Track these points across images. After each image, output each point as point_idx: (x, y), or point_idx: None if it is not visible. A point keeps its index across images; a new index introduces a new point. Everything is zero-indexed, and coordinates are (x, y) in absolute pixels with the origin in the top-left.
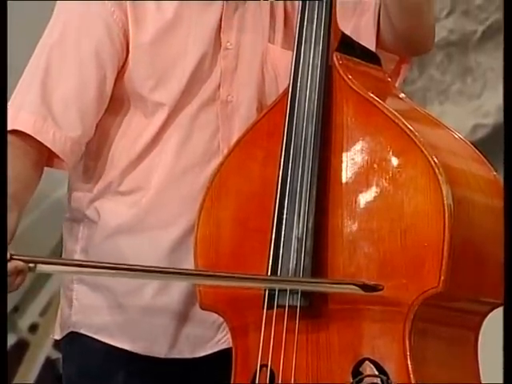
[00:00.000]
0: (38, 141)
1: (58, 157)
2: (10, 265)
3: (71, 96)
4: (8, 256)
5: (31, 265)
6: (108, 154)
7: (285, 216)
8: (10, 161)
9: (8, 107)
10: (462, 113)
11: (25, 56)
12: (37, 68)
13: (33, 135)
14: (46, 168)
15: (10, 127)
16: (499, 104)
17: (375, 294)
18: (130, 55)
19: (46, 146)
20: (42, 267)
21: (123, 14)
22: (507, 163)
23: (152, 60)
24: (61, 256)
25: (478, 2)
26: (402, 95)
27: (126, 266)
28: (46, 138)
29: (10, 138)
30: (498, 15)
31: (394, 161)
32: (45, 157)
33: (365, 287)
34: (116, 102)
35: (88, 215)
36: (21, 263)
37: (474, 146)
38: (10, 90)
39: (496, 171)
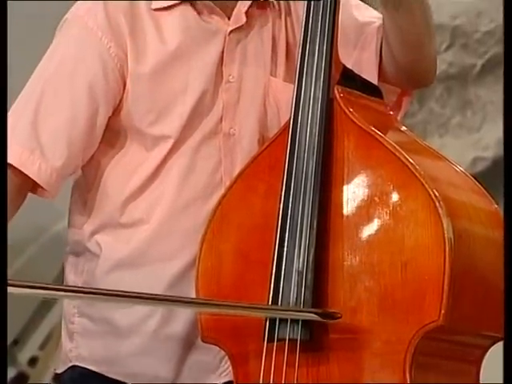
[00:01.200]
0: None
1: (42, 186)
2: None
3: (61, 129)
4: None
5: None
6: (108, 186)
7: (285, 249)
8: None
9: None
10: (462, 146)
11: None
12: (29, 99)
13: (17, 167)
14: (45, 201)
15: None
16: (499, 137)
17: (376, 325)
18: (129, 90)
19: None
20: (11, 289)
21: (120, 49)
22: (507, 196)
23: (152, 94)
24: None
25: (477, 35)
26: (403, 128)
27: (122, 293)
28: (31, 170)
29: None
30: (497, 49)
31: (395, 194)
32: (29, 185)
33: (323, 315)
34: (114, 135)
35: (89, 248)
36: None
37: (475, 179)
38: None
39: (496, 204)
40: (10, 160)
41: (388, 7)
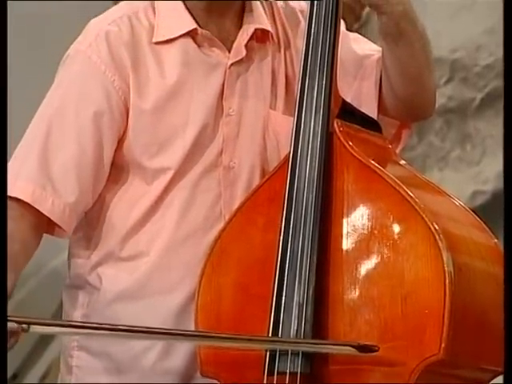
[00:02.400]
0: (37, 209)
1: (57, 225)
2: None
3: (70, 163)
4: None
5: (24, 326)
6: (108, 220)
7: (286, 282)
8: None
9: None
10: (462, 179)
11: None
12: (36, 136)
13: (31, 204)
14: (44, 235)
15: (8, 193)
16: (498, 171)
17: (376, 359)
18: (131, 123)
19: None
20: (35, 328)
21: (124, 82)
22: (507, 230)
23: (153, 128)
24: None
25: (476, 69)
26: (402, 162)
27: (122, 327)
28: (45, 207)
29: (9, 203)
30: (496, 83)
31: (395, 227)
32: (44, 223)
33: (361, 348)
34: (117, 170)
35: (90, 282)
36: (14, 324)
37: (474, 213)
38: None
39: (496, 238)
40: (21, 196)
41: (388, 40)
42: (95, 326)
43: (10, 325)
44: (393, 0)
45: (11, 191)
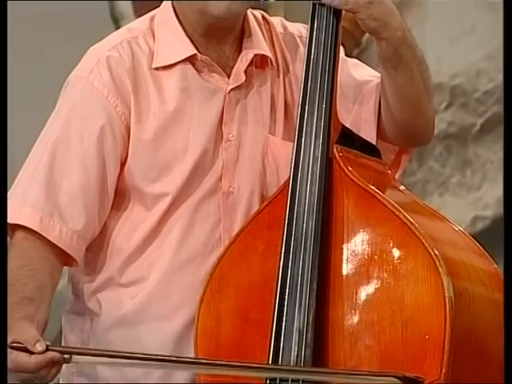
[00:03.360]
0: (45, 237)
1: (66, 253)
2: (46, 356)
3: (76, 190)
4: (44, 347)
5: (66, 356)
6: (109, 246)
7: (285, 308)
8: (23, 255)
9: (8, 196)
10: (462, 205)
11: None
12: (39, 162)
13: (39, 232)
14: None
15: (13, 220)
16: (498, 196)
17: None
18: (131, 149)
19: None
20: (77, 358)
21: (126, 107)
22: (507, 255)
23: (153, 154)
24: None
25: (476, 95)
26: (401, 187)
27: (156, 357)
28: (53, 235)
29: (17, 232)
30: (496, 108)
31: (395, 253)
32: (54, 252)
33: (406, 379)
34: (118, 197)
35: (90, 307)
36: (57, 354)
37: (474, 238)
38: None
39: (496, 263)
40: (30, 225)
41: (387, 66)
42: (140, 356)
43: (52, 355)
44: (392, 26)
45: (18, 218)
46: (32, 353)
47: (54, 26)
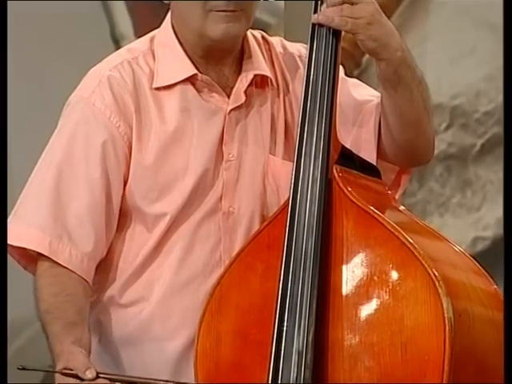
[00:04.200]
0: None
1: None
2: (96, 383)
3: (84, 212)
4: (94, 374)
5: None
6: (109, 267)
7: (285, 328)
8: (55, 282)
9: (10, 217)
10: (462, 225)
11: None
12: (44, 183)
13: (48, 256)
14: None
15: (19, 243)
16: (499, 217)
17: None
18: (132, 169)
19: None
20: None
21: (128, 127)
22: (507, 276)
23: (154, 175)
24: None
25: (476, 115)
26: (401, 208)
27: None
28: (63, 258)
29: (41, 260)
30: (496, 129)
31: (394, 273)
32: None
33: None
34: (121, 219)
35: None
36: (107, 382)
37: (474, 259)
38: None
39: (496, 284)
40: (39, 249)
41: (386, 86)
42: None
43: (102, 382)
44: (391, 46)
45: (27, 242)
46: (82, 380)
47: (55, 46)
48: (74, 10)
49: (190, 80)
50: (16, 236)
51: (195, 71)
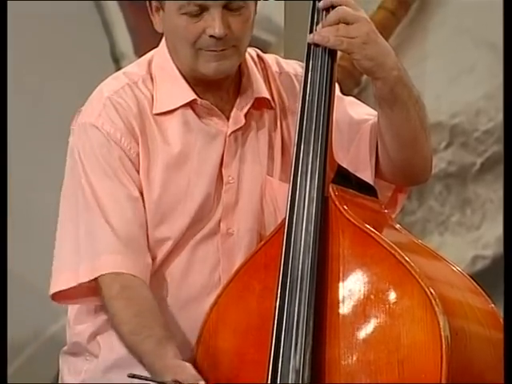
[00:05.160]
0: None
1: None
2: None
3: (134, 228)
4: None
5: None
6: None
7: (282, 348)
8: (132, 304)
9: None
10: (462, 244)
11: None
12: (87, 214)
13: (125, 272)
14: (41, 301)
15: (91, 276)
16: (499, 235)
17: None
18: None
19: None
20: None
21: (137, 148)
22: (507, 295)
23: (157, 200)
24: None
25: (476, 134)
26: (397, 226)
27: None
28: (134, 271)
29: (110, 285)
30: (496, 148)
31: (391, 292)
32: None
33: None
34: None
35: (88, 349)
36: None
37: (472, 278)
38: None
39: (496, 303)
40: (114, 269)
41: (382, 105)
42: None
43: None
44: (387, 65)
45: (104, 268)
46: None
47: (54, 64)
48: (74, 29)
49: (190, 105)
50: (87, 271)
51: (194, 96)
